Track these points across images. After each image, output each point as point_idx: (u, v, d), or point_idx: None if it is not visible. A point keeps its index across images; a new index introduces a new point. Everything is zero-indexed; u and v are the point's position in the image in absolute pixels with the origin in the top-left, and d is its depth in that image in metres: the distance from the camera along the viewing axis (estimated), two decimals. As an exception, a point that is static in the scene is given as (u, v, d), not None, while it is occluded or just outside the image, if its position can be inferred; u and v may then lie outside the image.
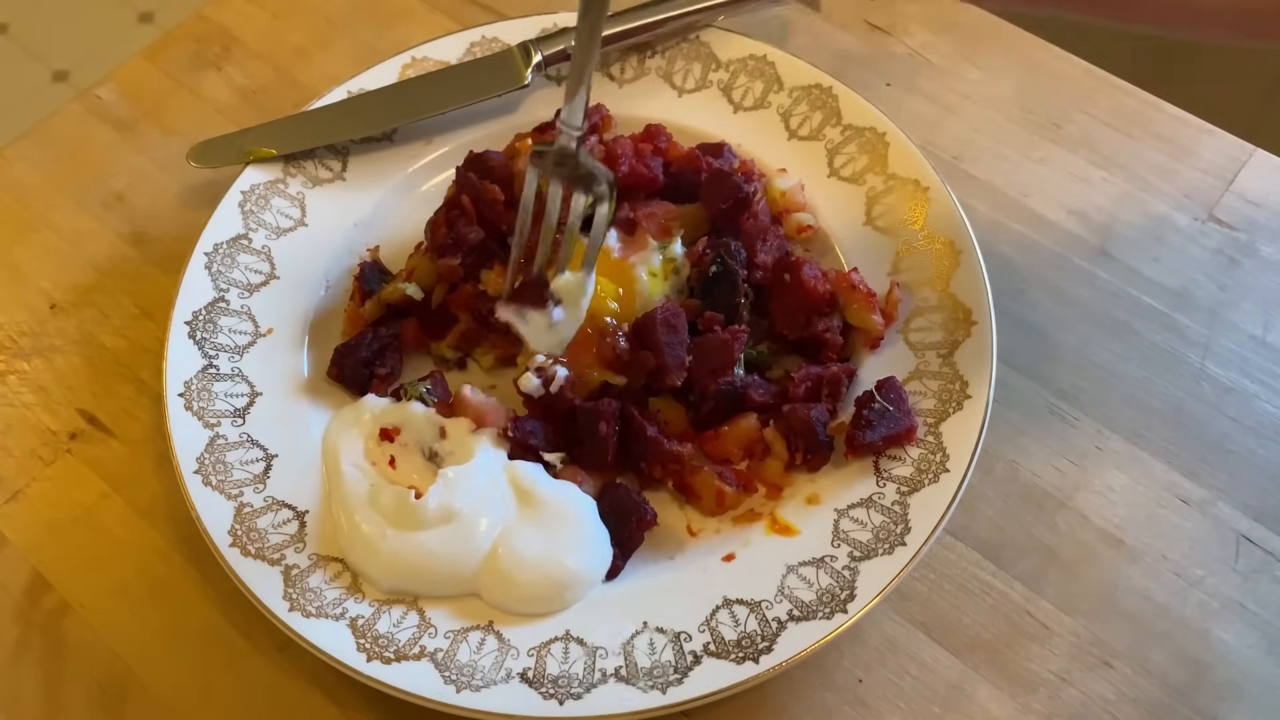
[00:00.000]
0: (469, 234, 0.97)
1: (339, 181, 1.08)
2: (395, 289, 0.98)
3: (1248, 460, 0.94)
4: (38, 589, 0.92)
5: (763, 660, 0.79)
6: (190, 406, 0.92)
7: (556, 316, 0.84)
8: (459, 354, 1.00)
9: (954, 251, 0.96)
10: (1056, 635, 0.86)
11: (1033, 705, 0.84)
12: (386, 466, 0.90)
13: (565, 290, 0.84)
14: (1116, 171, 1.10)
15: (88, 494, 0.96)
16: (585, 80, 0.79)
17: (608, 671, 0.80)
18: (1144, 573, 0.89)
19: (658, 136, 1.03)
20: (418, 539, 0.84)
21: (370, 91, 1.10)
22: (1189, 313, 1.02)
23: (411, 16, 1.26)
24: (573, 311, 0.84)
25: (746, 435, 0.91)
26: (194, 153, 1.09)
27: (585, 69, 0.78)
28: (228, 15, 1.27)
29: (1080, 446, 0.95)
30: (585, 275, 0.84)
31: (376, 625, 0.82)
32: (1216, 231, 1.06)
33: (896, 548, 0.83)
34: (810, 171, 1.05)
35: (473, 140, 1.09)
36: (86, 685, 0.87)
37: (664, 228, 0.98)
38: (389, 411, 0.92)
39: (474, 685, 0.79)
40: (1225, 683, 0.84)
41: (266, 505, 0.88)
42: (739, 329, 0.93)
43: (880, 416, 0.87)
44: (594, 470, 0.90)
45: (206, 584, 0.90)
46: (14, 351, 1.04)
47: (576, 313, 0.84)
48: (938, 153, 1.11)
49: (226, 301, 0.98)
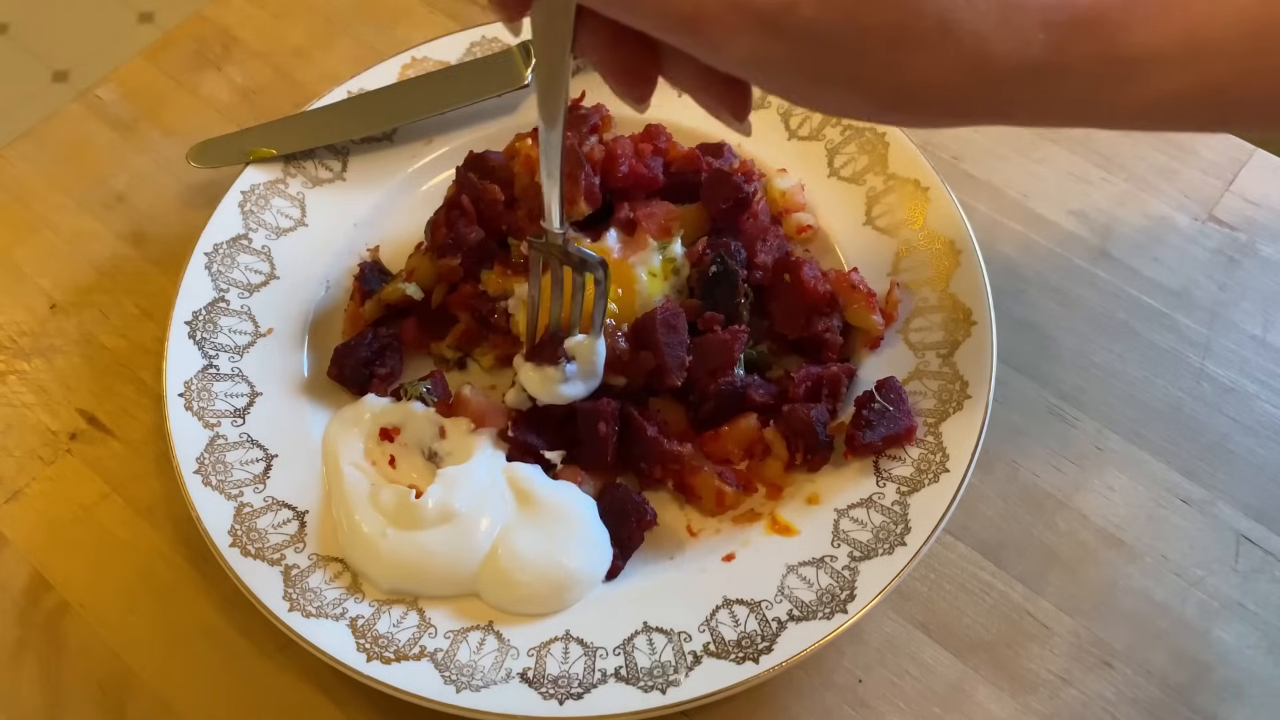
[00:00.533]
0: (469, 234, 0.97)
1: (339, 181, 1.08)
2: (395, 289, 0.98)
3: (1248, 460, 0.94)
4: (38, 589, 0.92)
5: (763, 660, 0.79)
6: (190, 406, 0.92)
7: (570, 371, 0.89)
8: (459, 354, 1.00)
9: (954, 251, 0.96)
10: (1056, 635, 0.86)
11: (1033, 705, 0.84)
12: (386, 466, 0.90)
13: (578, 349, 0.89)
14: (1116, 171, 1.10)
15: (88, 494, 0.96)
16: (557, 189, 0.80)
17: (608, 671, 0.80)
18: (1144, 573, 0.89)
19: (658, 136, 1.03)
20: (417, 538, 0.84)
21: (370, 91, 1.10)
22: (1189, 313, 1.02)
23: (411, 16, 1.26)
24: (586, 368, 0.89)
25: (746, 435, 0.91)
26: (194, 153, 1.09)
27: (553, 179, 0.79)
28: (228, 15, 1.27)
29: (1080, 446, 0.95)
30: (594, 337, 0.89)
31: (376, 625, 0.82)
32: (1216, 231, 1.06)
33: (896, 548, 0.83)
34: (810, 171, 1.05)
35: (473, 140, 1.09)
36: (86, 685, 0.87)
37: (664, 228, 0.98)
38: (389, 411, 0.92)
39: (474, 685, 0.79)
40: (1225, 683, 0.84)
41: (266, 505, 0.88)
42: (739, 329, 0.93)
43: (880, 416, 0.87)
44: (594, 470, 0.90)
45: (206, 584, 0.90)
46: (14, 351, 1.04)
47: (590, 369, 0.90)
48: (938, 153, 1.11)
49: (226, 301, 0.99)
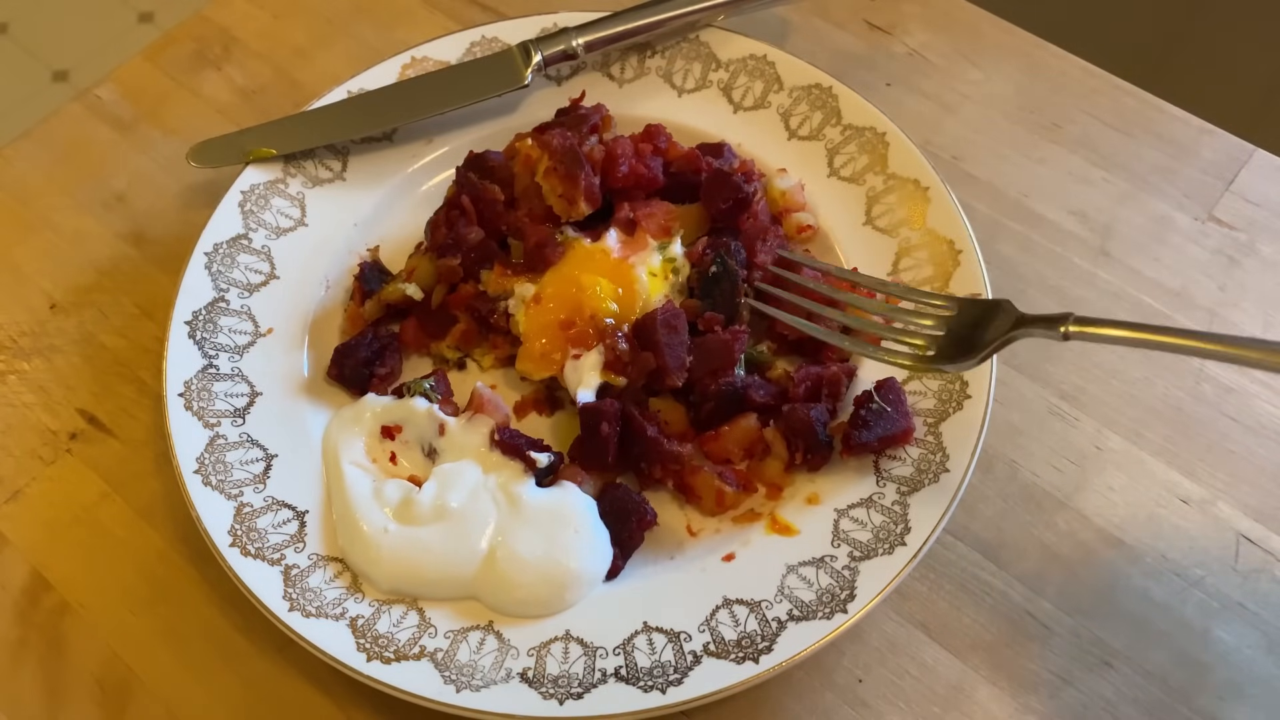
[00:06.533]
0: (469, 234, 0.97)
1: (339, 181, 1.08)
2: (395, 289, 0.98)
3: (1248, 460, 0.94)
4: (38, 589, 0.92)
5: (763, 660, 0.79)
6: (190, 406, 0.92)
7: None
8: (459, 354, 1.00)
9: (954, 251, 0.96)
10: (1056, 635, 0.86)
11: (1033, 705, 0.84)
12: (388, 463, 0.90)
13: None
14: (1116, 171, 1.10)
15: (88, 494, 0.96)
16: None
17: (608, 671, 0.80)
18: (1144, 573, 0.89)
19: (658, 136, 1.03)
20: (417, 536, 0.84)
21: (370, 91, 1.10)
22: (1189, 313, 1.02)
23: (411, 16, 1.26)
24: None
25: (746, 435, 0.91)
26: (194, 153, 1.09)
27: None
28: (228, 15, 1.27)
29: (1080, 446, 0.95)
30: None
31: (376, 625, 0.82)
32: (1216, 231, 1.06)
33: (896, 548, 0.83)
34: (810, 171, 1.05)
35: (473, 140, 1.09)
36: (86, 685, 0.87)
37: (664, 228, 0.98)
38: (390, 409, 0.92)
39: (474, 685, 0.79)
40: (1225, 683, 0.84)
41: (266, 505, 0.88)
42: (739, 329, 0.93)
43: (877, 417, 0.87)
44: (594, 470, 0.90)
45: (206, 584, 0.90)
46: (14, 351, 1.04)
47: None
48: (938, 153, 1.11)
49: (226, 301, 0.99)
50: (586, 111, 1.03)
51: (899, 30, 1.21)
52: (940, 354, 0.85)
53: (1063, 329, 0.78)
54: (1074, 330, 0.78)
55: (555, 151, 0.97)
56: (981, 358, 0.83)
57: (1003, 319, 0.83)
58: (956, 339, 0.85)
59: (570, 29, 1.10)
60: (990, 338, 0.82)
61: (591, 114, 1.02)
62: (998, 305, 0.84)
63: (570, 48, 1.09)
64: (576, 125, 1.00)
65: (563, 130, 0.99)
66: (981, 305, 0.86)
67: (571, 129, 1.00)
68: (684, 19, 1.11)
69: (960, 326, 0.85)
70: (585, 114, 1.02)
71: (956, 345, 0.84)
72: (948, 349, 0.85)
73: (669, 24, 1.11)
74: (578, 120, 1.01)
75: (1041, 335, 0.80)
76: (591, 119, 1.01)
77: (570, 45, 1.09)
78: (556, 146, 0.97)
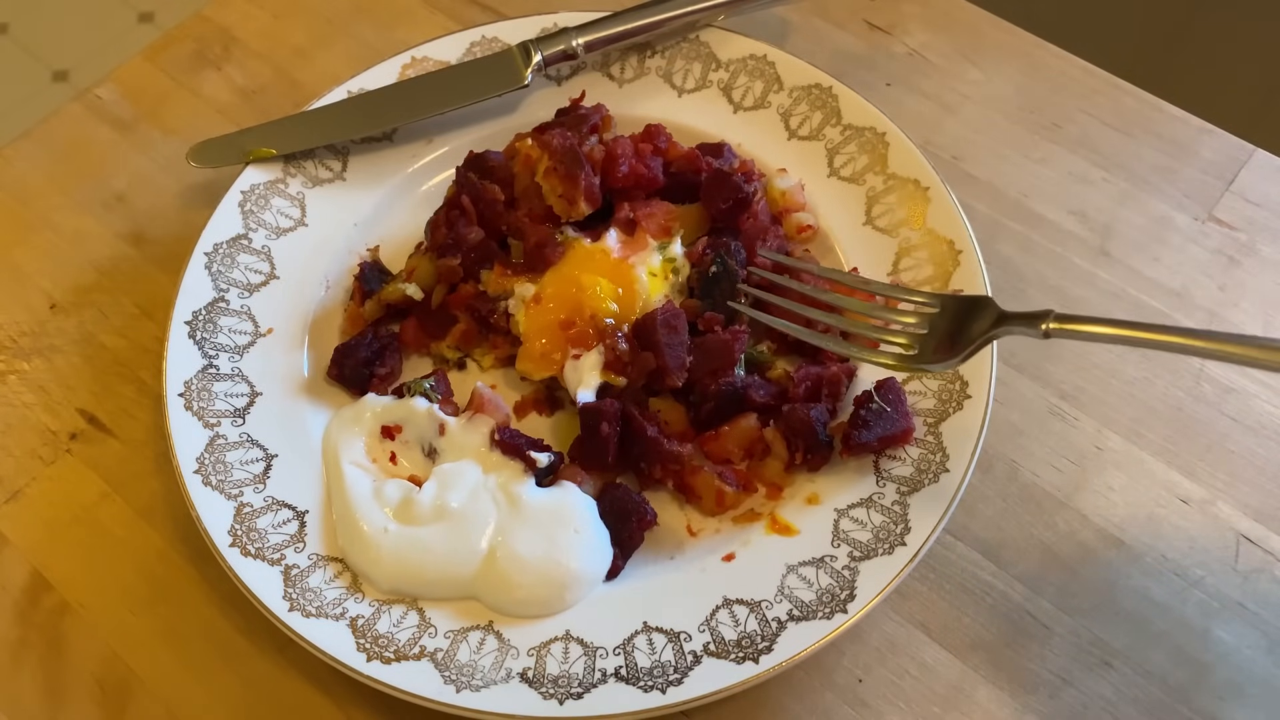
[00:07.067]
0: (469, 234, 0.97)
1: (339, 181, 1.08)
2: (395, 289, 0.98)
3: (1248, 460, 0.94)
4: (38, 589, 0.92)
5: (763, 660, 0.79)
6: (190, 406, 0.92)
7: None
8: (459, 354, 1.00)
9: (954, 251, 0.96)
10: (1056, 635, 0.86)
11: (1033, 705, 0.84)
12: (388, 463, 0.90)
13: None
14: (1116, 171, 1.10)
15: (88, 494, 0.96)
16: None
17: (608, 671, 0.80)
18: (1144, 573, 0.89)
19: (658, 136, 1.03)
20: (417, 536, 0.84)
21: (370, 91, 1.10)
22: (1189, 313, 1.02)
23: (411, 16, 1.26)
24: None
25: (746, 435, 0.91)
26: (194, 153, 1.09)
27: None
28: (228, 15, 1.27)
29: (1080, 446, 0.95)
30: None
31: (376, 625, 0.82)
32: (1216, 231, 1.06)
33: (896, 548, 0.83)
34: (810, 171, 1.05)
35: (473, 140, 1.09)
36: (86, 685, 0.87)
37: (664, 228, 0.98)
38: (391, 409, 0.92)
39: (474, 685, 0.79)
40: (1225, 683, 0.84)
41: (266, 505, 0.88)
42: (739, 329, 0.93)
43: (877, 417, 0.87)
44: (594, 470, 0.90)
45: (206, 584, 0.90)
46: (14, 351, 1.04)
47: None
48: (938, 153, 1.11)
49: (226, 301, 0.99)
50: (586, 111, 1.03)
51: (899, 30, 1.21)
52: (923, 353, 0.85)
53: (1043, 326, 0.78)
54: (1054, 328, 0.77)
55: (555, 151, 0.97)
56: (963, 357, 0.83)
57: (985, 317, 0.82)
58: (941, 337, 0.84)
59: (570, 29, 1.10)
60: (972, 336, 0.82)
61: (591, 114, 1.02)
62: (980, 302, 0.84)
63: (570, 48, 1.09)
64: (576, 125, 1.00)
65: (563, 130, 0.99)
66: (965, 302, 0.85)
67: (571, 129, 1.00)
68: (684, 19, 1.11)
69: (944, 324, 0.85)
70: (585, 114, 1.02)
71: (940, 344, 0.84)
72: (932, 348, 0.85)
73: (669, 24, 1.11)
74: (578, 120, 1.01)
75: (1021, 333, 0.80)
76: (591, 119, 1.01)
77: (570, 45, 1.09)
78: (556, 146, 0.97)
